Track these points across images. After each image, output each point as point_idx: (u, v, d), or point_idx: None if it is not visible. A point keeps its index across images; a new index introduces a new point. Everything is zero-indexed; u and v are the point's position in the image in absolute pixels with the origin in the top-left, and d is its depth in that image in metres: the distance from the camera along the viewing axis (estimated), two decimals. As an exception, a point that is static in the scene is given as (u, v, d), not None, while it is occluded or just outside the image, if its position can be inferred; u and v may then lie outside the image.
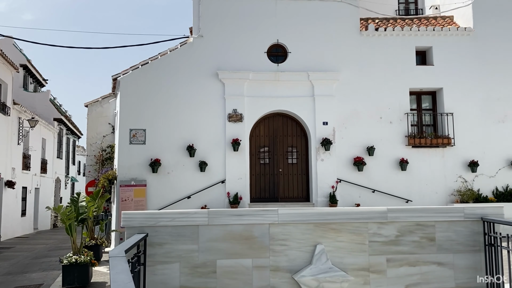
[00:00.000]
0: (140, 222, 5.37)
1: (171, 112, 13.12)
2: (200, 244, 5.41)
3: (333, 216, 5.55)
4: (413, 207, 5.86)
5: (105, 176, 12.69)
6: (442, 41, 14.08)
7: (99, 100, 15.13)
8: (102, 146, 14.79)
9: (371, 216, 5.60)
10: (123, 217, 5.40)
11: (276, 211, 5.49)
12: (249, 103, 13.36)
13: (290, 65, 13.60)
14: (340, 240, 5.58)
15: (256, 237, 5.48)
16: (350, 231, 5.59)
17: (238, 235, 5.46)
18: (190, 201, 12.79)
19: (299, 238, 5.52)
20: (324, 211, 5.60)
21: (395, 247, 5.64)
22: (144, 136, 12.96)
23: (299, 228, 5.52)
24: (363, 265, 5.57)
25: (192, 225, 5.41)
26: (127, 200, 12.59)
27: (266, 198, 13.51)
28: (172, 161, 12.95)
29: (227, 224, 5.45)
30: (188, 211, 5.53)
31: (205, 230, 5.42)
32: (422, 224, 5.70)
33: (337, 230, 5.56)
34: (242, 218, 5.46)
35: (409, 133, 13.64)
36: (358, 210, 5.65)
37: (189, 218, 5.41)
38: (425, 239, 5.70)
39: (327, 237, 5.56)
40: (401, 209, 5.76)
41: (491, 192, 13.56)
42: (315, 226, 5.55)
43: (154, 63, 13.42)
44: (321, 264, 5.42)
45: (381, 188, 13.33)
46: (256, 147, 13.69)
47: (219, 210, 5.49)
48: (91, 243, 10.12)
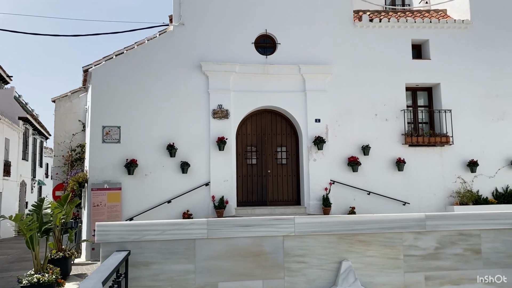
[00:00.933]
0: (120, 236, 4.19)
1: (149, 108, 11.88)
2: (198, 263, 4.27)
3: (361, 225, 4.50)
4: (455, 213, 4.88)
5: (75, 178, 11.34)
6: (439, 34, 13.32)
7: (68, 94, 13.70)
8: (72, 145, 13.37)
9: (407, 224, 4.58)
10: (97, 230, 4.21)
11: (292, 220, 4.40)
12: (235, 98, 12.23)
13: (280, 57, 12.56)
14: (369, 254, 4.53)
15: (267, 252, 4.38)
16: (381, 244, 4.55)
17: (245, 251, 4.34)
18: (170, 206, 11.58)
19: (320, 253, 4.45)
20: (351, 220, 4.54)
21: (435, 261, 4.64)
22: (119, 134, 11.67)
23: (320, 241, 4.45)
24: (397, 285, 4.54)
25: (187, 239, 4.26)
26: (99, 205, 11.27)
27: (253, 202, 12.42)
28: (150, 162, 11.71)
29: (232, 238, 4.33)
30: (182, 222, 4.37)
31: (203, 245, 4.29)
32: (465, 234, 4.72)
33: (366, 242, 4.52)
34: (250, 230, 4.35)
35: (406, 131, 12.79)
36: (392, 217, 4.62)
37: (183, 231, 4.26)
38: (469, 251, 4.72)
39: (354, 252, 4.51)
40: (441, 216, 4.77)
41: (491, 193, 12.86)
42: (339, 238, 4.49)
43: (130, 53, 12.14)
44: (348, 285, 4.36)
45: (377, 190, 12.43)
46: (242, 146, 12.57)
47: (221, 220, 4.36)
48: (58, 255, 8.79)
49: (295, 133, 12.80)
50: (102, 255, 4.18)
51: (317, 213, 11.97)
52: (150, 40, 12.34)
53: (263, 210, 11.90)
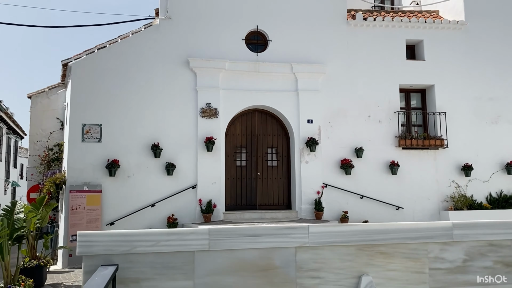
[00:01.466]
0: (106, 247, 3.56)
1: (133, 105, 11.18)
2: (197, 280, 3.66)
3: (383, 235, 3.97)
4: (484, 221, 4.40)
5: (52, 180, 10.55)
6: (433, 34, 12.99)
7: (45, 90, 12.86)
8: (49, 144, 12.52)
9: (433, 234, 4.07)
10: (79, 240, 3.57)
11: (306, 229, 3.84)
12: (224, 96, 11.64)
13: (271, 55, 12.02)
14: (391, 268, 4.01)
15: (277, 267, 3.81)
16: (404, 256, 4.03)
17: (252, 265, 3.76)
18: (154, 210, 10.91)
19: (337, 266, 3.90)
20: (371, 229, 4.01)
21: (463, 276, 4.14)
22: (100, 132, 10.95)
23: (337, 253, 3.90)
24: (422, 303, 4.03)
25: (185, 251, 3.66)
26: (78, 208, 10.52)
27: (242, 206, 11.82)
28: (133, 163, 11.01)
29: (237, 249, 3.74)
30: (179, 231, 3.76)
31: (204, 258, 3.69)
32: (495, 244, 4.24)
33: (388, 254, 3.99)
34: (258, 240, 3.77)
35: (400, 134, 12.40)
36: (416, 226, 4.11)
37: (181, 241, 3.66)
38: (500, 264, 4.24)
39: (374, 265, 3.98)
40: (470, 224, 4.27)
41: (485, 198, 12.57)
42: (358, 249, 3.95)
43: (113, 47, 11.42)
44: (369, 303, 3.83)
45: (370, 193, 12.00)
46: (231, 147, 11.97)
47: (225, 229, 3.76)
48: (32, 264, 8.02)
49: (286, 134, 12.28)
50: (84, 270, 3.55)
51: (309, 218, 11.46)
52: (134, 34, 11.64)
53: (252, 215, 11.33)
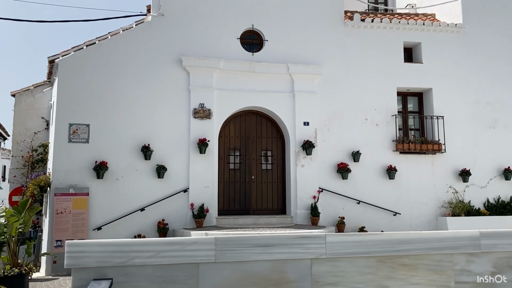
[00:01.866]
0: (100, 259, 3.13)
1: (122, 105, 10.71)
2: (202, 295, 3.25)
3: (406, 245, 3.61)
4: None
5: (36, 182, 10.00)
6: (431, 37, 12.78)
7: (30, 88, 12.29)
8: (33, 145, 11.94)
9: (459, 244, 3.72)
10: (68, 250, 3.13)
11: (322, 239, 3.45)
12: (218, 97, 11.23)
13: (267, 55, 11.67)
14: (415, 281, 3.64)
15: (291, 281, 3.41)
16: (428, 268, 3.67)
17: (263, 279, 3.36)
18: (144, 214, 10.44)
19: (356, 280, 3.52)
20: (394, 238, 3.64)
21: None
22: (88, 132, 10.45)
23: (355, 265, 3.52)
24: (447, 320, 3.67)
25: (189, 263, 3.24)
26: (63, 212, 10.00)
27: (236, 211, 11.41)
28: (122, 165, 10.53)
29: (246, 261, 3.34)
30: (182, 240, 3.34)
31: (210, 270, 3.28)
32: (524, 256, 3.91)
33: (411, 266, 3.63)
34: (270, 251, 3.37)
35: (397, 138, 12.13)
36: (442, 235, 3.76)
37: (183, 252, 3.24)
38: (530, 277, 3.91)
39: (396, 278, 3.60)
40: (499, 234, 3.93)
41: (483, 204, 12.35)
42: (379, 261, 3.58)
43: (102, 43, 10.95)
44: (392, 321, 3.46)
45: (367, 198, 11.68)
46: (225, 149, 11.56)
47: (233, 238, 3.35)
48: (13, 272, 7.49)
49: (282, 137, 11.91)
50: (74, 285, 3.10)
51: (305, 223, 11.09)
52: (125, 31, 11.19)
53: (246, 220, 10.92)
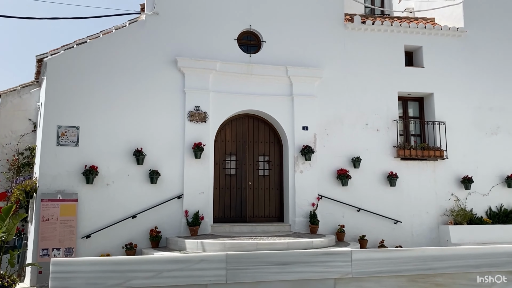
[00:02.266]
0: (91, 280, 2.66)
1: (114, 106, 10.22)
2: (210, 322, 2.80)
3: (440, 262, 3.19)
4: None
5: (21, 187, 9.46)
6: (433, 41, 12.50)
7: (17, 89, 11.75)
8: (19, 148, 11.40)
9: (498, 261, 3.32)
10: (53, 270, 2.66)
11: (348, 256, 3.03)
12: (215, 99, 10.80)
13: (265, 57, 11.28)
14: (448, 304, 3.23)
15: (311, 303, 2.98)
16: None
17: (280, 302, 2.92)
18: (135, 222, 9.95)
19: (384, 303, 3.10)
20: (427, 254, 3.22)
21: (531, 313, 3.40)
22: (77, 135, 9.94)
23: (384, 285, 3.10)
24: None
25: (195, 284, 2.79)
26: (50, 219, 9.47)
27: (232, 218, 10.97)
28: (113, 169, 10.03)
29: (261, 281, 2.90)
30: (188, 258, 2.88)
31: (219, 293, 2.83)
32: None
33: (445, 286, 3.21)
34: (288, 270, 2.93)
35: (398, 143, 11.78)
36: (479, 251, 3.35)
37: (189, 271, 2.79)
38: None
39: (428, 300, 3.19)
40: (539, 249, 3.55)
41: (485, 212, 12.04)
42: (410, 280, 3.16)
43: (94, 42, 10.46)
44: None
45: (367, 206, 11.31)
46: (221, 154, 11.12)
47: (247, 255, 2.91)
48: (-5, 284, 6.97)
49: (279, 142, 11.50)
50: (60, 312, 2.64)
51: (304, 232, 10.67)
52: (118, 30, 10.72)
53: (242, 228, 10.48)
